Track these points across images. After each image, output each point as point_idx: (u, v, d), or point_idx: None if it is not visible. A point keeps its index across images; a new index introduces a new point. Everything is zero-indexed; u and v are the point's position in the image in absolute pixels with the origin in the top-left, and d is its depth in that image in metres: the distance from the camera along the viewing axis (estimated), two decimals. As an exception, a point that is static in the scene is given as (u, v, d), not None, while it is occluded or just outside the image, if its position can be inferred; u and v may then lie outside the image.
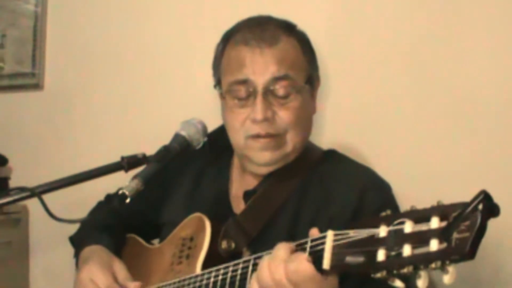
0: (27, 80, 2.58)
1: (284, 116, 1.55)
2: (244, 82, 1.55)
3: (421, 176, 1.90)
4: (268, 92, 1.54)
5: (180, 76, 2.29)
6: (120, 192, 1.36)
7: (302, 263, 1.18)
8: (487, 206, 0.96)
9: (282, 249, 1.23)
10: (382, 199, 1.53)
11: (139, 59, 2.38)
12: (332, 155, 1.69)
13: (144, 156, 1.45)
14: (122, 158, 1.44)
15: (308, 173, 1.61)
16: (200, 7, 2.25)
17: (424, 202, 1.90)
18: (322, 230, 1.47)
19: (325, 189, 1.57)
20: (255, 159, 1.58)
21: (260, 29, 1.58)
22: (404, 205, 1.69)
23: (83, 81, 2.50)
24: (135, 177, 1.39)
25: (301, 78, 1.57)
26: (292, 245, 1.24)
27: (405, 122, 1.94)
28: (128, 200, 1.37)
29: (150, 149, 1.52)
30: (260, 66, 1.54)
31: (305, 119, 1.61)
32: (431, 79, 1.90)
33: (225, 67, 1.61)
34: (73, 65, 2.52)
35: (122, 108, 2.42)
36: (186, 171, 1.74)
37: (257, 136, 1.55)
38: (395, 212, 1.09)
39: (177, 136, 1.53)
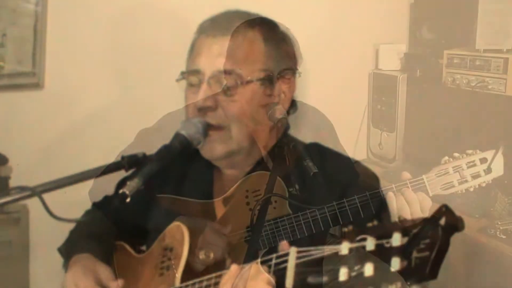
0: (27, 79, 2.58)
1: (227, 107, 1.50)
2: (197, 72, 1.53)
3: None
4: (214, 81, 1.51)
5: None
6: (121, 191, 1.35)
7: (261, 284, 1.16)
8: (449, 222, 0.87)
9: (248, 266, 1.21)
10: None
11: (139, 58, 2.38)
12: (313, 150, 1.62)
13: (144, 155, 1.44)
14: (123, 157, 1.43)
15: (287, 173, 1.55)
16: (200, 11, 2.25)
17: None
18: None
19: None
20: (203, 151, 1.55)
21: (221, 18, 1.55)
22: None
23: (83, 80, 2.50)
24: (135, 176, 1.39)
25: (253, 73, 1.51)
26: (257, 261, 1.21)
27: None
28: (128, 200, 1.36)
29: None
30: (211, 55, 1.51)
31: (255, 114, 1.53)
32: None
33: (188, 55, 1.59)
34: (73, 64, 2.52)
35: (122, 107, 2.42)
36: (168, 175, 1.65)
37: None
38: (357, 227, 1.03)
39: (177, 135, 1.52)
